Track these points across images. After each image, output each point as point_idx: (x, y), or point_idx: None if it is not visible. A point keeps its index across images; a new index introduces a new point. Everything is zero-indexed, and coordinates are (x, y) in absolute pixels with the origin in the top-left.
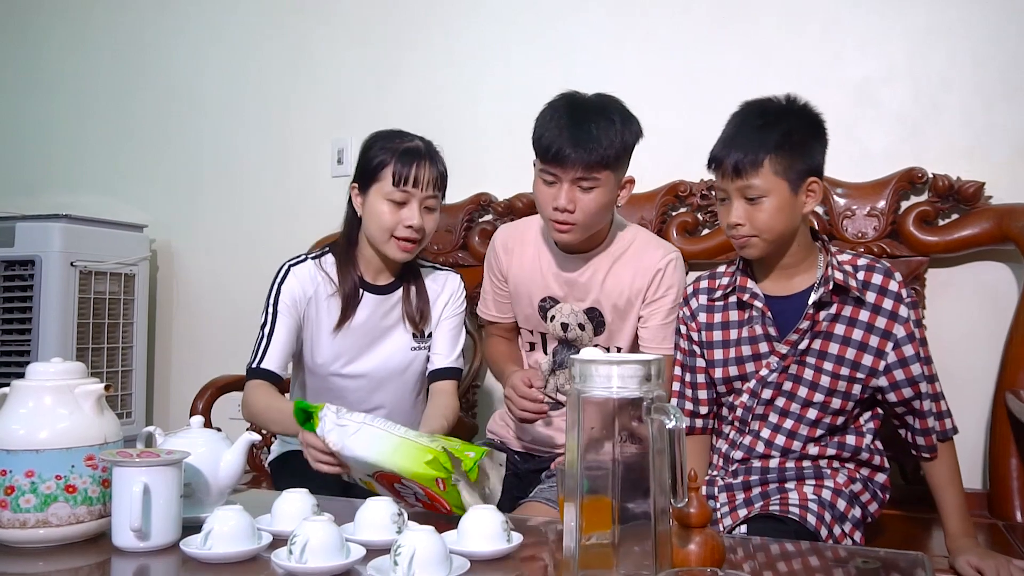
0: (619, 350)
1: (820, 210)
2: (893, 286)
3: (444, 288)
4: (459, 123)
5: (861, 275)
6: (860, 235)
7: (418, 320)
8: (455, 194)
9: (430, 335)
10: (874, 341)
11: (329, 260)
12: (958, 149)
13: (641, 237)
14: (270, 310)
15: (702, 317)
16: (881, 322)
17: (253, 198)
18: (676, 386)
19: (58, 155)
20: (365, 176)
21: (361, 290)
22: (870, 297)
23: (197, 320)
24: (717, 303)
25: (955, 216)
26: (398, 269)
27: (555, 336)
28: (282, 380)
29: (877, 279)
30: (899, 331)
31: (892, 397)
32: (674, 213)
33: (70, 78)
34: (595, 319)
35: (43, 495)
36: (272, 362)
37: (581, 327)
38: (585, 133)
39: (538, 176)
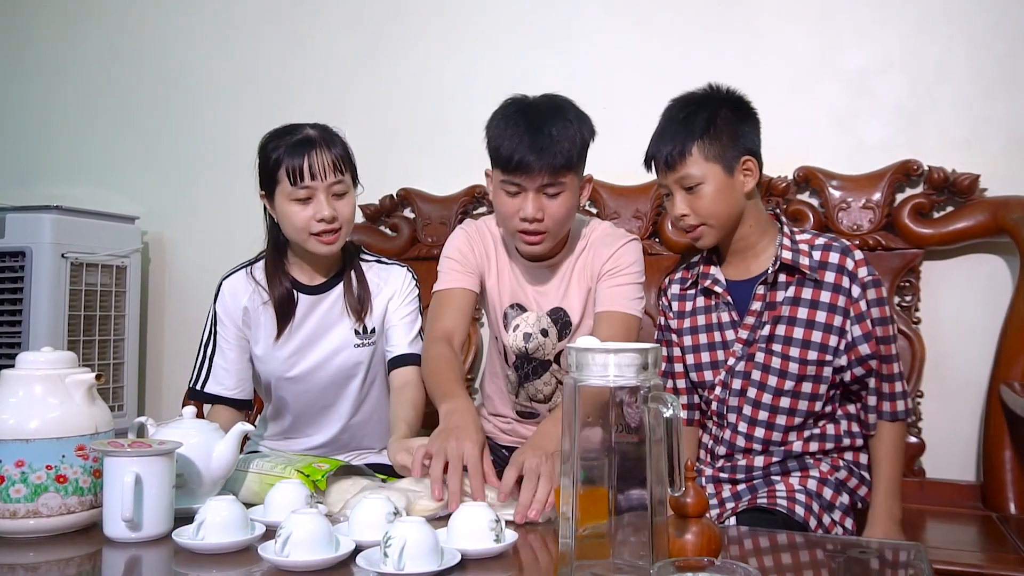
0: None
1: (815, 202)
2: (848, 264)
3: (388, 282)
4: (454, 114)
5: (817, 254)
6: (855, 227)
7: (361, 311)
8: (450, 186)
9: (374, 331)
10: (837, 321)
11: (260, 268)
12: (954, 141)
13: (599, 229)
14: (207, 329)
15: (675, 306)
16: (841, 301)
17: (246, 190)
18: None
19: (51, 146)
20: (266, 180)
21: (296, 293)
22: (829, 277)
23: (189, 312)
24: (688, 291)
25: (950, 208)
26: (333, 266)
27: (515, 349)
28: (236, 400)
29: (834, 257)
30: (851, 310)
31: (847, 377)
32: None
33: (64, 69)
34: (560, 320)
35: (33, 485)
36: (218, 384)
37: (544, 333)
38: (546, 138)
39: (499, 188)
